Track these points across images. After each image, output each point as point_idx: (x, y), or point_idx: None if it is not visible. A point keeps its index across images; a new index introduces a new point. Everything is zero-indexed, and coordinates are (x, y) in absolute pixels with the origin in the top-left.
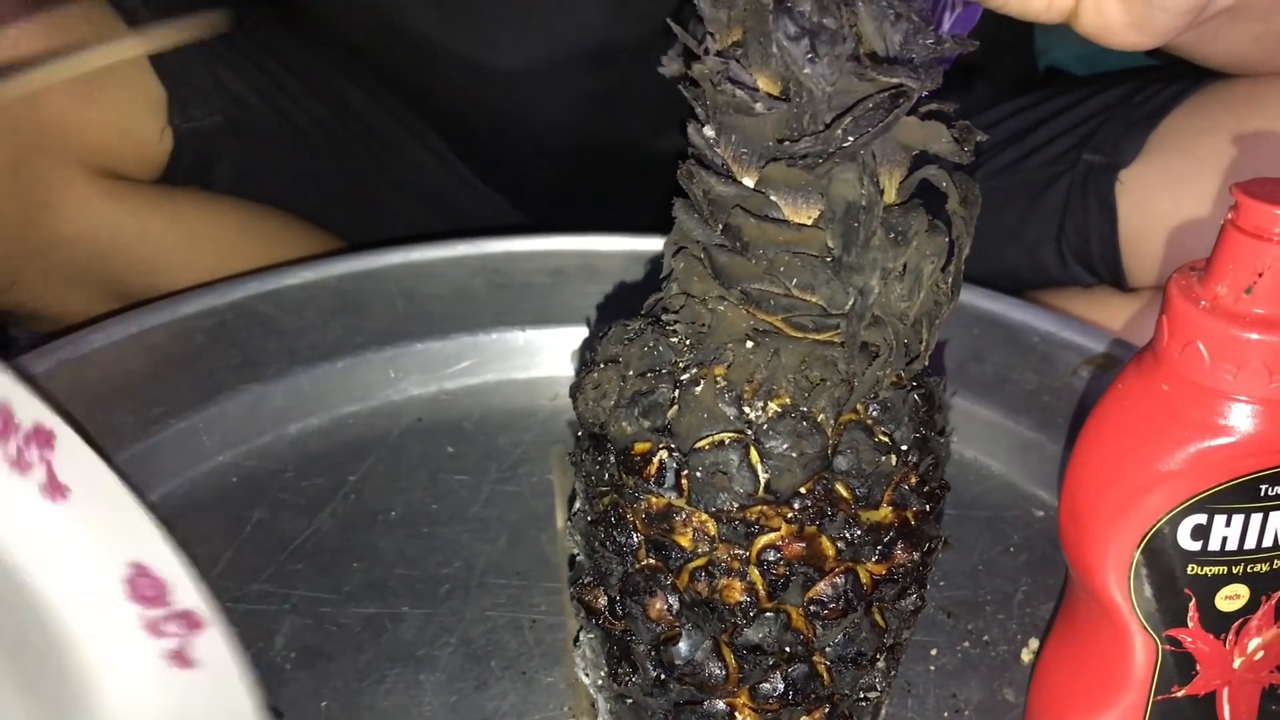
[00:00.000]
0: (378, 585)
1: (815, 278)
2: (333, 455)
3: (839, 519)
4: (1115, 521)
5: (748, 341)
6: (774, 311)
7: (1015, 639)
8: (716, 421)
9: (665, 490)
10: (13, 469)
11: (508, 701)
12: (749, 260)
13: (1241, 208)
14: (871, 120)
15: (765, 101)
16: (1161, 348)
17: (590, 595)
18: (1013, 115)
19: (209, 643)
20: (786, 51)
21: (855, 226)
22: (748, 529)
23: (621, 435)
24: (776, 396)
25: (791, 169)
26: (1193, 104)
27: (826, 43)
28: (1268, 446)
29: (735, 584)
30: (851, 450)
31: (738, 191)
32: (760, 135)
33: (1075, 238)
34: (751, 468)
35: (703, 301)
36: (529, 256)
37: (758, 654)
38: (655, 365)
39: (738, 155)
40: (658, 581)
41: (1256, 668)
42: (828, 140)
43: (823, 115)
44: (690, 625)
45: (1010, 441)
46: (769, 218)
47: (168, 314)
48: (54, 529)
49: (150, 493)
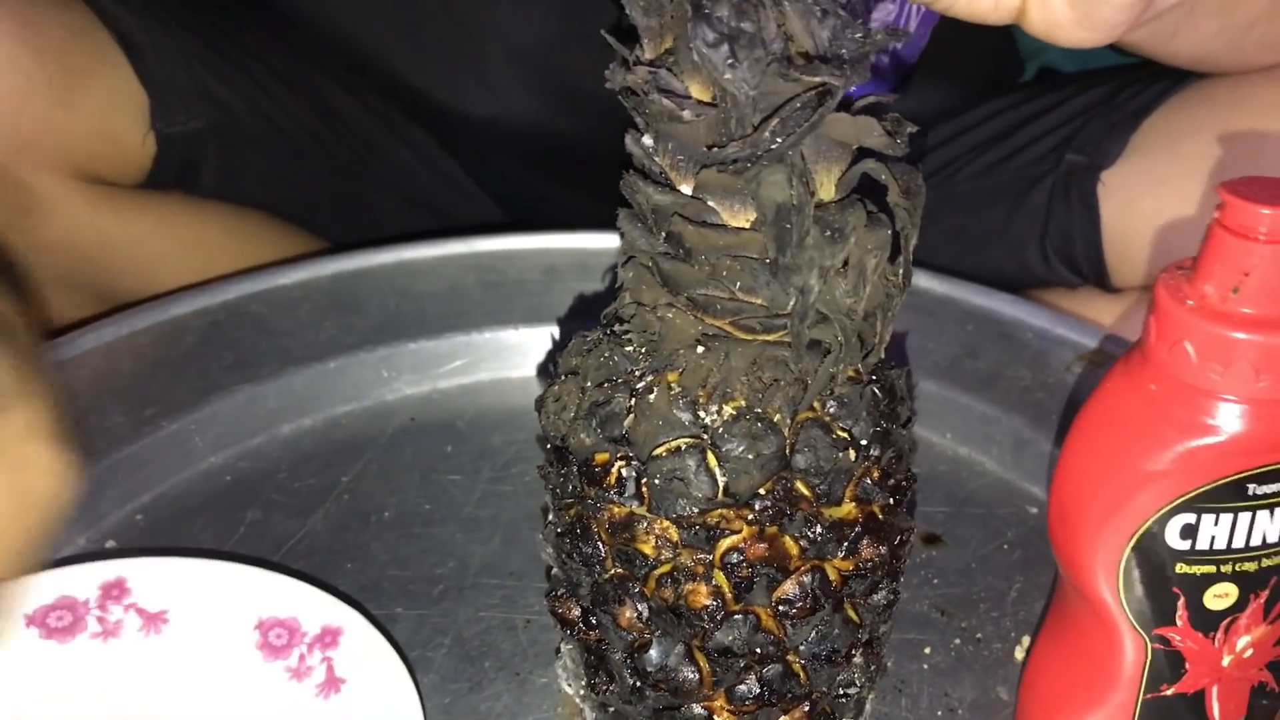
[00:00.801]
0: (371, 586)
1: (755, 280)
2: (326, 455)
3: (800, 518)
4: (1104, 521)
5: (698, 347)
6: (721, 315)
7: (1009, 637)
8: (672, 428)
9: (626, 499)
10: (291, 679)
11: (501, 703)
12: (693, 266)
13: (1228, 207)
14: (799, 120)
15: (693, 108)
16: (1149, 347)
17: (564, 607)
18: (996, 115)
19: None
20: (706, 59)
21: (788, 228)
22: (709, 533)
23: (581, 447)
24: (731, 399)
25: (724, 174)
26: (1175, 104)
27: (745, 47)
28: (1255, 446)
29: (700, 588)
30: (809, 448)
31: (676, 199)
32: (694, 142)
33: (1059, 238)
34: (709, 472)
35: (652, 309)
36: (522, 254)
37: (729, 656)
38: (611, 375)
39: (675, 163)
40: (626, 590)
41: (1245, 665)
42: (755, 144)
43: (750, 119)
44: (660, 632)
45: (1004, 438)
46: (707, 223)
47: (159, 315)
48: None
49: (142, 495)
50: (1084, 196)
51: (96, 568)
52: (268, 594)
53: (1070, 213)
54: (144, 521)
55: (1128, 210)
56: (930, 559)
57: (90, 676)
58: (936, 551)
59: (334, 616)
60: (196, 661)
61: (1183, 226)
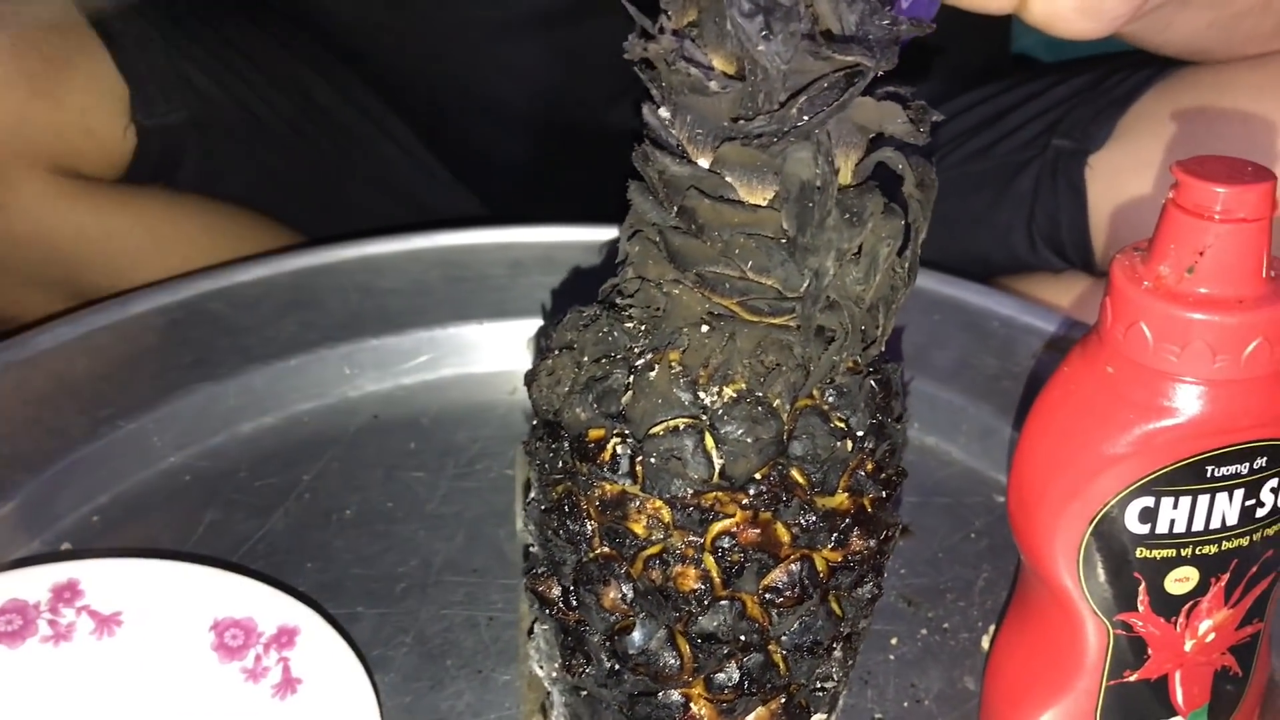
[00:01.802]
0: (332, 586)
1: (770, 259)
2: (287, 454)
3: (794, 505)
4: (1063, 506)
5: (703, 325)
6: (729, 295)
7: (976, 626)
8: (671, 407)
9: (619, 477)
10: (247, 680)
11: (463, 700)
12: (704, 242)
13: (1182, 186)
14: (826, 99)
15: (720, 80)
16: (1105, 329)
17: (544, 586)
18: (983, 101)
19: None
20: (741, 28)
21: (810, 206)
22: (702, 515)
23: (575, 422)
24: (732, 381)
25: (746, 149)
26: (1161, 89)
27: (781, 20)
28: (1214, 427)
29: (690, 571)
30: (807, 436)
31: (693, 172)
32: (715, 115)
33: (1045, 223)
34: (706, 453)
35: (658, 285)
36: (486, 249)
37: (713, 643)
38: (610, 350)
39: (693, 136)
40: (612, 570)
41: (1208, 650)
42: (782, 119)
43: (777, 94)
44: (644, 614)
45: (971, 427)
46: (724, 199)
47: (117, 313)
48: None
49: (100, 496)
50: (1071, 181)
51: (48, 570)
52: (224, 594)
53: (1057, 197)
54: (101, 523)
55: (1114, 194)
56: (898, 549)
57: (41, 681)
58: (904, 541)
59: (291, 616)
60: (151, 664)
61: None
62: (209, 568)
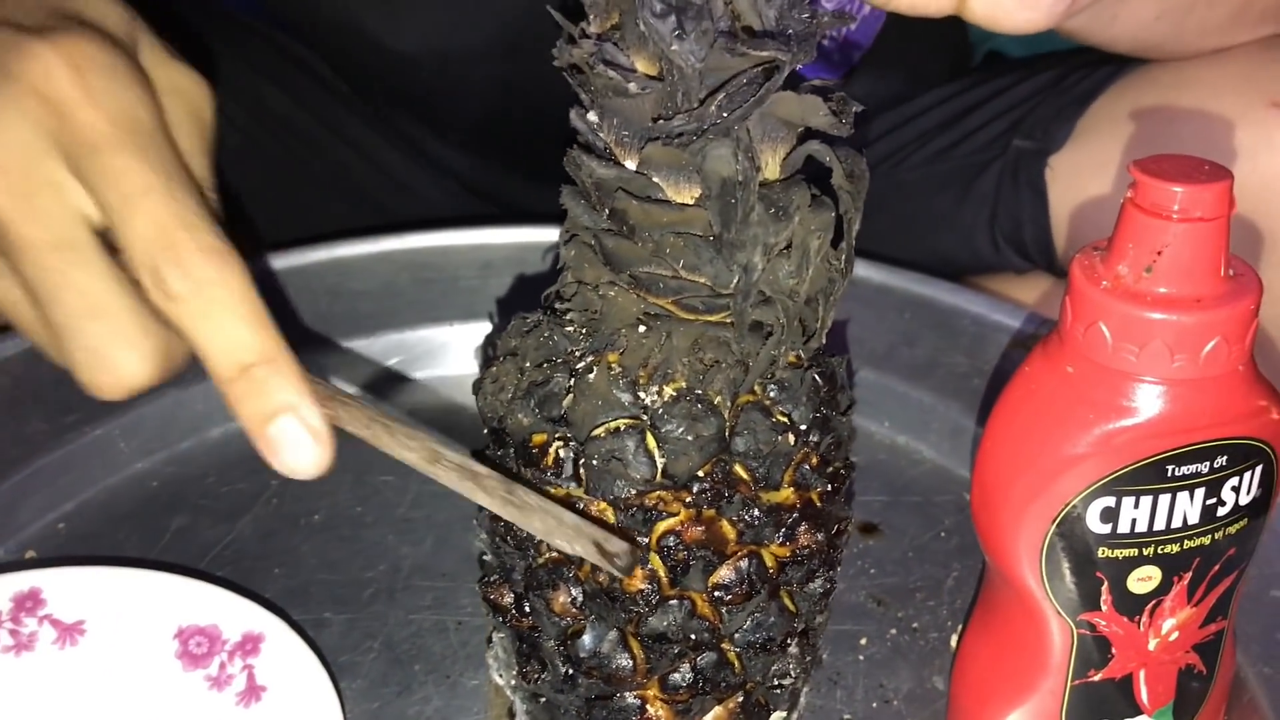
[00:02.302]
0: (300, 591)
1: (699, 257)
2: (255, 459)
3: (738, 501)
4: (1025, 506)
5: (640, 326)
6: (664, 294)
7: (945, 626)
8: (611, 408)
9: (564, 481)
10: (212, 688)
11: (431, 706)
12: (636, 244)
13: (1139, 186)
14: (745, 95)
15: (639, 81)
16: (1065, 329)
17: (496, 593)
18: (945, 101)
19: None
20: (654, 29)
21: (732, 203)
22: (646, 515)
23: (519, 427)
24: (672, 380)
25: (669, 148)
26: (1120, 87)
27: (693, 19)
28: (1174, 426)
29: (636, 571)
30: (749, 431)
31: (620, 174)
32: (639, 116)
33: (1008, 223)
34: (648, 453)
35: (594, 288)
36: (456, 251)
37: (664, 643)
38: (551, 355)
39: (619, 138)
40: (560, 574)
41: (1172, 648)
42: (701, 117)
43: (696, 93)
44: (594, 617)
45: (941, 426)
46: (652, 199)
47: None
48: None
49: (65, 503)
50: (1032, 181)
51: (9, 579)
52: (188, 602)
53: (1019, 198)
54: (66, 530)
55: (1075, 194)
56: (867, 549)
57: (2, 691)
58: (873, 541)
59: (255, 623)
60: (114, 673)
61: None
62: (173, 575)
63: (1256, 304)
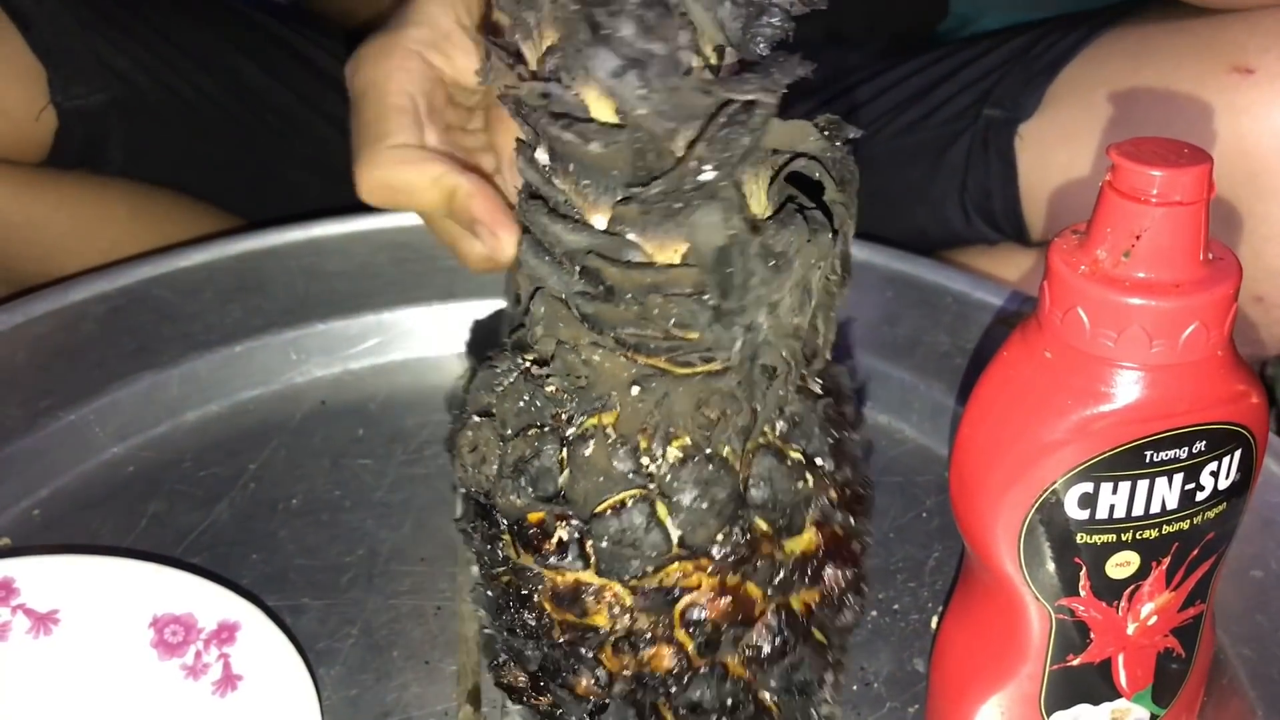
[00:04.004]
0: (277, 577)
1: (694, 320)
2: (232, 443)
3: (764, 563)
4: (1003, 492)
5: (633, 387)
6: (655, 354)
7: (926, 607)
8: (615, 482)
9: (570, 564)
10: (187, 677)
11: (410, 692)
12: (617, 306)
13: (1118, 169)
14: (728, 142)
15: (601, 137)
16: (1044, 314)
17: (510, 676)
18: (915, 74)
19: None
20: (613, 91)
21: (730, 273)
22: (666, 595)
23: (511, 509)
24: (676, 438)
25: (647, 214)
26: (1088, 56)
27: (659, 74)
28: (1152, 412)
29: (663, 650)
30: (765, 482)
31: (590, 239)
32: (604, 166)
33: (977, 194)
34: (661, 525)
35: (574, 349)
36: None
37: (698, 713)
38: (535, 421)
39: (581, 189)
40: (579, 658)
41: (1150, 633)
42: (681, 178)
43: (671, 148)
44: (623, 697)
45: (923, 405)
46: (631, 263)
47: (56, 301)
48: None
49: (40, 489)
50: (1001, 151)
51: None
52: (163, 590)
53: (988, 168)
54: (41, 517)
55: (1043, 163)
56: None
57: None
58: None
59: (231, 611)
60: (89, 662)
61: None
62: (148, 563)
63: (1236, 289)
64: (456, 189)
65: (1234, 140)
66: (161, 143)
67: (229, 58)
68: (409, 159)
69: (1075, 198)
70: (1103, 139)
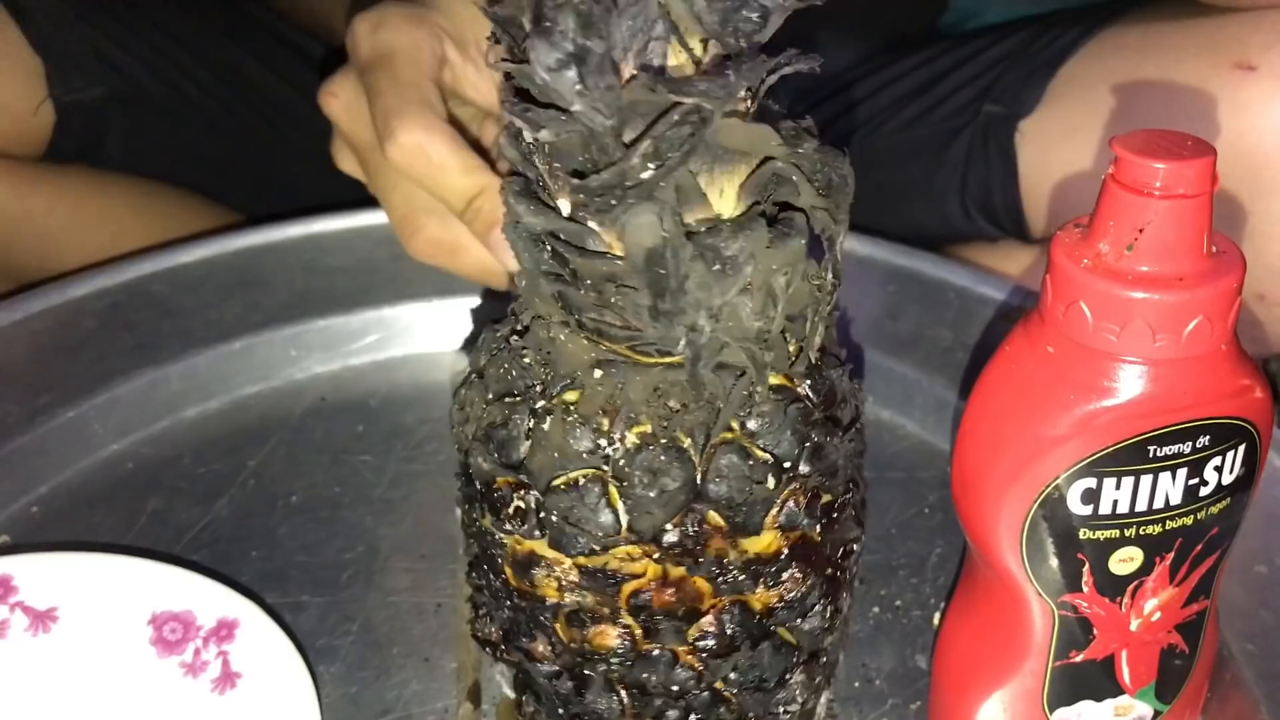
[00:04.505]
0: (277, 574)
1: (637, 315)
2: (232, 439)
3: (710, 559)
4: (1005, 488)
5: (595, 370)
6: (617, 340)
7: (928, 603)
8: (569, 459)
9: (527, 532)
10: (186, 674)
11: (410, 689)
12: (580, 291)
13: (1121, 162)
14: (673, 143)
15: (555, 125)
16: (1046, 308)
17: (484, 630)
18: (916, 69)
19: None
20: (549, 87)
21: (662, 274)
22: (610, 578)
23: (480, 471)
24: (637, 424)
25: (587, 203)
26: (1089, 51)
27: (595, 72)
28: (1155, 407)
29: (607, 630)
30: (722, 477)
31: (554, 222)
32: (568, 150)
33: (978, 190)
34: (611, 507)
35: (547, 326)
36: None
37: (646, 694)
38: (510, 390)
39: (552, 170)
40: (537, 623)
41: (1154, 629)
42: (621, 174)
43: (612, 146)
44: (575, 666)
45: (925, 400)
46: (589, 250)
47: (56, 297)
48: None
49: (39, 486)
50: (1002, 147)
51: None
52: (162, 587)
53: (989, 164)
54: (40, 514)
55: (1044, 159)
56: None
57: None
58: None
59: (230, 609)
60: (88, 660)
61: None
62: (147, 560)
63: (1240, 282)
64: (486, 187)
65: (1236, 137)
66: (160, 137)
67: (228, 52)
68: (450, 137)
69: (1076, 194)
70: (1104, 135)
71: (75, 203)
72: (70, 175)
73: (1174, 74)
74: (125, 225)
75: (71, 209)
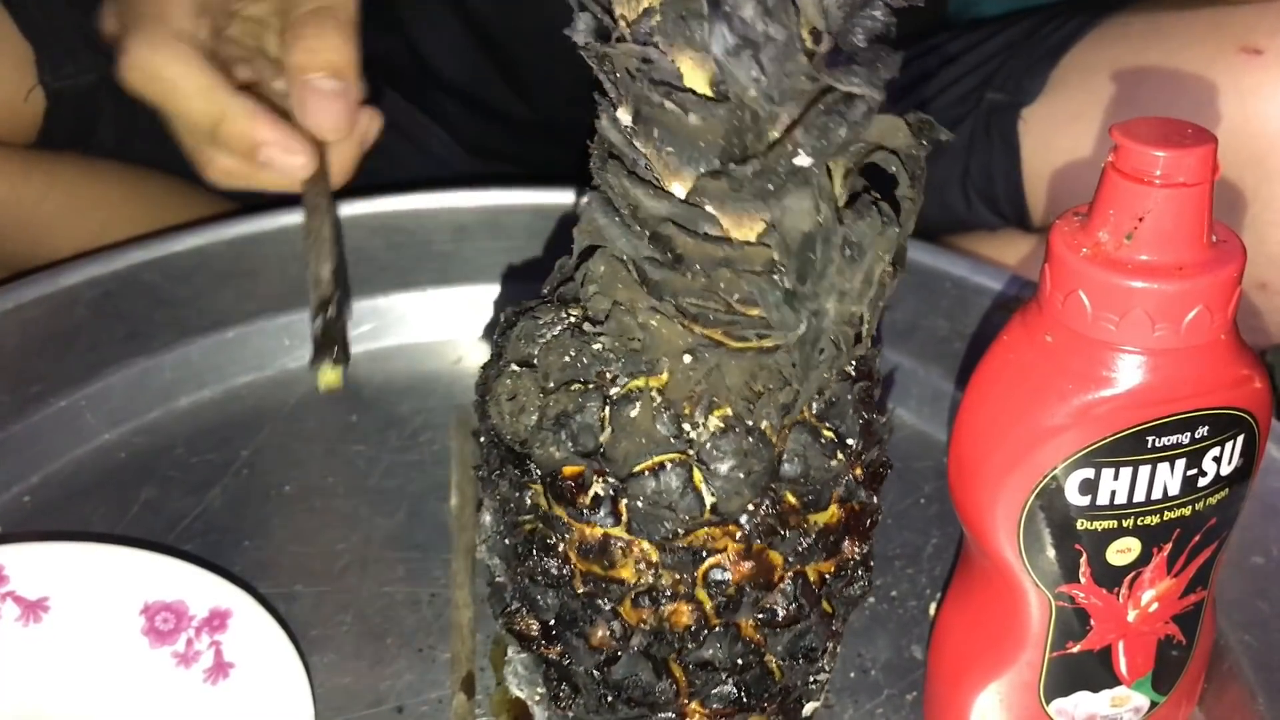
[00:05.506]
0: (270, 564)
1: (763, 299)
2: (225, 429)
3: (790, 534)
4: (1002, 478)
5: (686, 356)
6: (714, 326)
7: (924, 594)
8: (656, 445)
9: (601, 519)
10: (179, 665)
11: (404, 680)
12: (684, 275)
13: (1121, 150)
14: (826, 130)
15: (699, 109)
16: (1044, 297)
17: (522, 624)
18: (919, 57)
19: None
20: (724, 68)
21: (812, 259)
22: (694, 556)
23: (548, 460)
24: (718, 408)
25: (735, 190)
26: (1093, 39)
27: (775, 60)
28: (1154, 397)
29: (682, 608)
30: (799, 457)
31: (669, 208)
32: (692, 136)
33: (980, 178)
34: (696, 490)
35: (630, 312)
36: (430, 214)
37: (709, 670)
38: (579, 377)
39: (663, 155)
40: (598, 609)
41: (1151, 620)
42: (776, 162)
43: (769, 132)
44: (635, 650)
45: (922, 390)
46: (706, 235)
47: (47, 286)
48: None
49: (30, 476)
50: (1004, 135)
51: None
52: (154, 577)
53: (991, 152)
54: (32, 503)
55: (1046, 148)
56: None
57: None
58: None
59: (223, 599)
60: (79, 649)
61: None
62: (139, 550)
63: (1240, 272)
64: (227, 111)
65: (1241, 122)
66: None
67: None
68: (185, 56)
69: (1078, 183)
70: (1107, 122)
71: (67, 190)
72: (62, 162)
73: (1179, 60)
74: (118, 212)
75: (63, 196)
